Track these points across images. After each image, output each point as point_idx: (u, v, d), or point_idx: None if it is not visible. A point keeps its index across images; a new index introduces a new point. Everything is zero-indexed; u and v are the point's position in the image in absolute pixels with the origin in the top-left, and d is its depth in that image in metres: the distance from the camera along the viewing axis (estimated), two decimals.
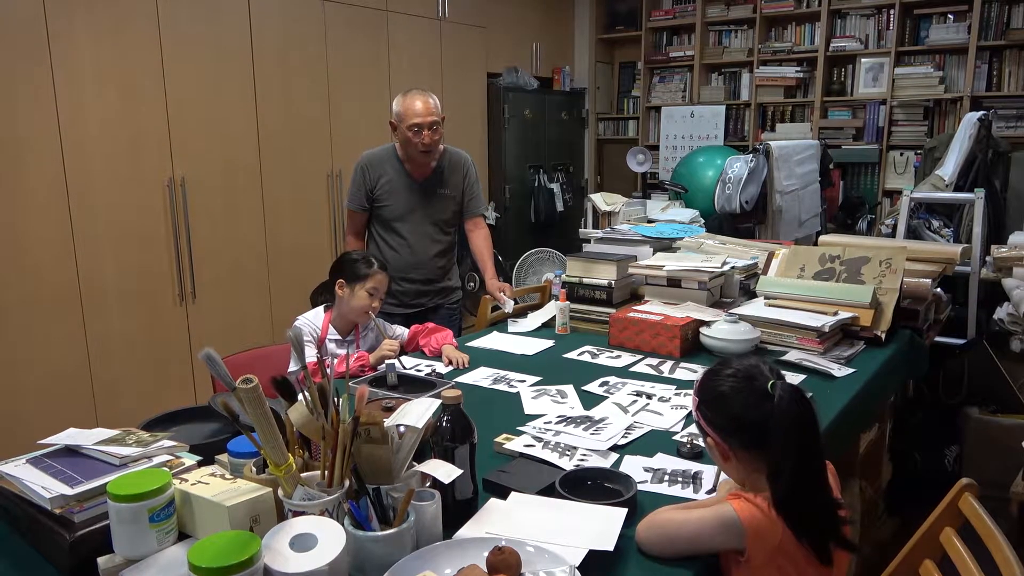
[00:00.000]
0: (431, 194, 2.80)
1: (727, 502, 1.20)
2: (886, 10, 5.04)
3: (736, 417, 1.23)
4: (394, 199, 2.77)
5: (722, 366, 1.29)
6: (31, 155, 2.94)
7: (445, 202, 2.84)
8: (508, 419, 1.76)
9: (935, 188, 3.81)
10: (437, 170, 2.80)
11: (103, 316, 3.20)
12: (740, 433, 1.23)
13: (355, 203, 2.81)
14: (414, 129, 2.62)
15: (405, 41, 4.48)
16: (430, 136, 2.64)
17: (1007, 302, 3.11)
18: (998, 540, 1.27)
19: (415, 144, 2.64)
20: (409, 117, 2.62)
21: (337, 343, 2.34)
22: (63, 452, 1.32)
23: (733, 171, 3.98)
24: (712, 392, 1.26)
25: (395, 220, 2.79)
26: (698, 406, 1.29)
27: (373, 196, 2.78)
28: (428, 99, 2.65)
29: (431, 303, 2.87)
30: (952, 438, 3.11)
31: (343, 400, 1.19)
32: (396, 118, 2.68)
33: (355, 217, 2.84)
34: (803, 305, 2.36)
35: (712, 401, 1.26)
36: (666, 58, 5.97)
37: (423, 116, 2.61)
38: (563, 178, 5.74)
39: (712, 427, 1.26)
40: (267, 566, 1.01)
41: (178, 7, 3.33)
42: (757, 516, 1.17)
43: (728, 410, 1.24)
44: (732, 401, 1.23)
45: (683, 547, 1.19)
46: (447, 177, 2.83)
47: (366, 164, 2.78)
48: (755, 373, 1.24)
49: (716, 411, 1.25)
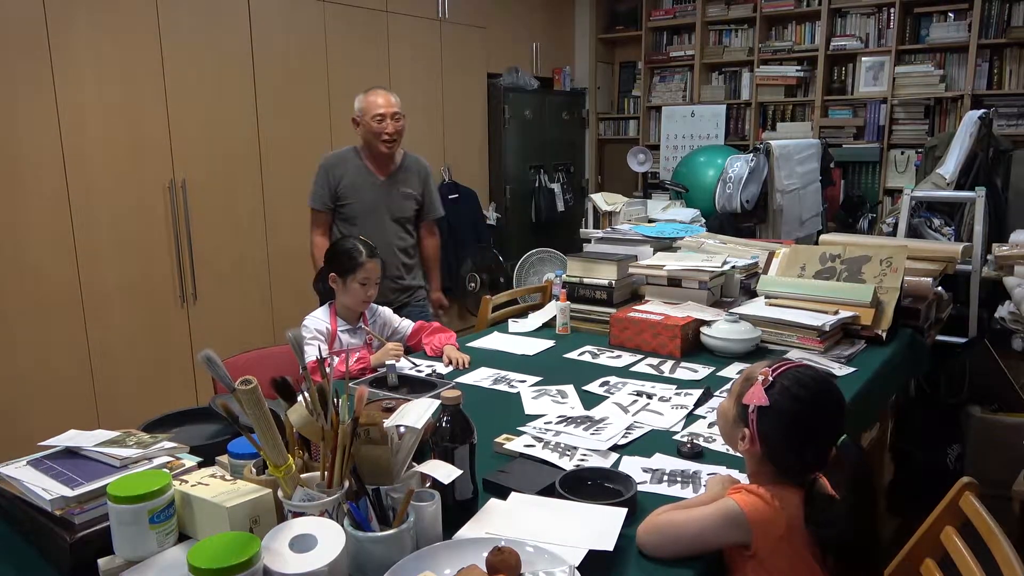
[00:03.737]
0: (393, 192, 2.91)
1: (729, 497, 1.20)
2: (886, 9, 5.04)
3: (790, 448, 1.21)
4: (356, 196, 2.87)
5: (805, 384, 1.22)
6: (32, 157, 2.94)
7: (407, 201, 2.95)
8: (508, 419, 1.76)
9: (936, 187, 3.81)
10: (398, 169, 2.92)
11: (104, 317, 3.21)
12: (781, 459, 1.22)
13: (319, 202, 2.90)
14: (378, 119, 2.76)
15: (405, 42, 4.48)
16: (394, 125, 2.79)
17: (1008, 300, 3.10)
18: (999, 539, 1.26)
19: (378, 134, 2.77)
20: (372, 109, 2.77)
21: (349, 333, 2.36)
22: (64, 454, 1.32)
23: (734, 170, 3.98)
24: (783, 408, 1.21)
25: (358, 217, 2.87)
26: (762, 412, 1.22)
27: (337, 194, 2.87)
28: (389, 95, 2.81)
29: (397, 301, 2.92)
30: (953, 437, 3.10)
31: (343, 401, 1.19)
32: (359, 113, 2.82)
33: (320, 216, 2.93)
34: (804, 304, 2.36)
35: (779, 415, 1.21)
36: (666, 58, 5.97)
37: (385, 107, 2.77)
38: (564, 178, 5.74)
39: (761, 435, 1.22)
40: (267, 567, 1.01)
41: (178, 9, 3.33)
42: (760, 507, 1.17)
43: (788, 438, 1.21)
44: (796, 434, 1.21)
45: (688, 547, 1.19)
46: (408, 177, 2.94)
47: (329, 164, 2.89)
48: (836, 419, 1.23)
49: (778, 429, 1.21)
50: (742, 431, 1.25)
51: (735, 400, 1.29)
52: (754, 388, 1.25)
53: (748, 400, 1.25)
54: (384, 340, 2.35)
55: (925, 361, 2.57)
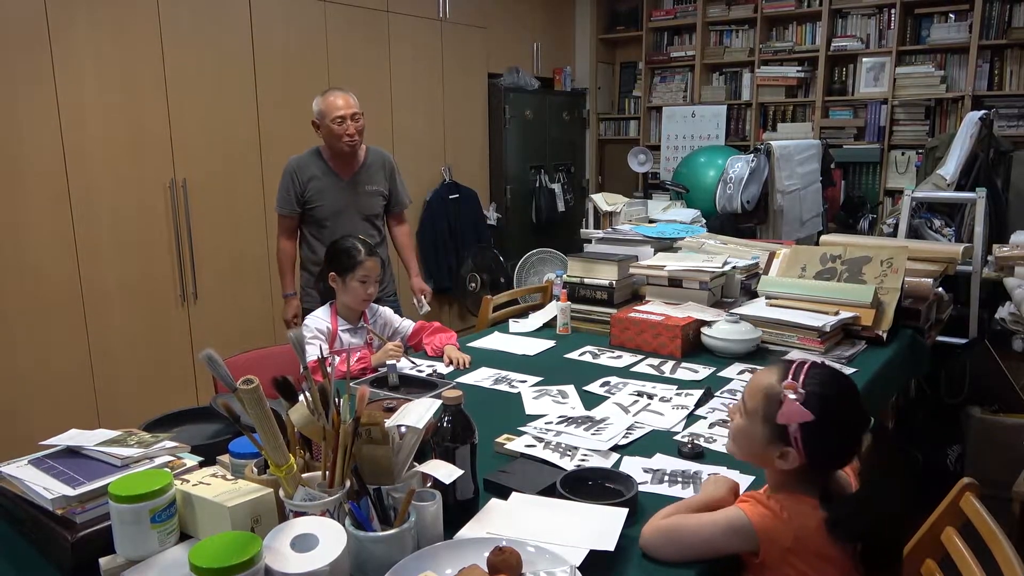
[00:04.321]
0: (360, 190, 2.93)
1: (737, 506, 1.20)
2: (887, 9, 5.04)
3: (843, 449, 1.22)
4: (324, 198, 2.89)
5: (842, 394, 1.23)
6: (33, 156, 2.94)
7: (373, 198, 2.98)
8: (509, 419, 1.76)
9: (936, 187, 3.81)
10: (362, 167, 2.93)
11: (105, 317, 3.21)
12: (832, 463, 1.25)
13: (285, 207, 2.92)
14: (338, 121, 2.77)
15: (406, 42, 4.48)
16: (354, 126, 2.79)
17: (1009, 301, 3.10)
18: (1000, 540, 1.26)
19: (339, 135, 2.78)
20: (332, 111, 2.77)
21: (350, 332, 2.36)
22: (65, 453, 1.32)
23: (734, 171, 3.99)
24: (830, 420, 1.19)
25: (327, 219, 2.90)
26: (806, 428, 1.18)
27: (304, 199, 2.89)
28: (348, 95, 2.82)
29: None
30: (954, 438, 3.11)
31: (344, 401, 1.19)
32: (318, 116, 2.82)
33: (286, 221, 2.96)
34: (804, 305, 2.36)
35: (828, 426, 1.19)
36: (667, 58, 5.97)
37: (344, 108, 2.77)
38: (564, 178, 5.74)
39: (809, 449, 1.19)
40: (268, 566, 1.01)
41: (179, 8, 3.33)
42: (768, 518, 1.17)
43: (840, 446, 1.22)
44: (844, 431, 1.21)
45: (694, 553, 1.18)
46: (372, 174, 2.96)
47: (294, 168, 2.90)
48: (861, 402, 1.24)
49: (827, 441, 1.20)
50: (780, 450, 1.21)
51: (763, 421, 1.22)
52: (789, 406, 1.19)
53: (787, 420, 1.19)
54: (385, 340, 2.35)
55: (925, 362, 2.57)
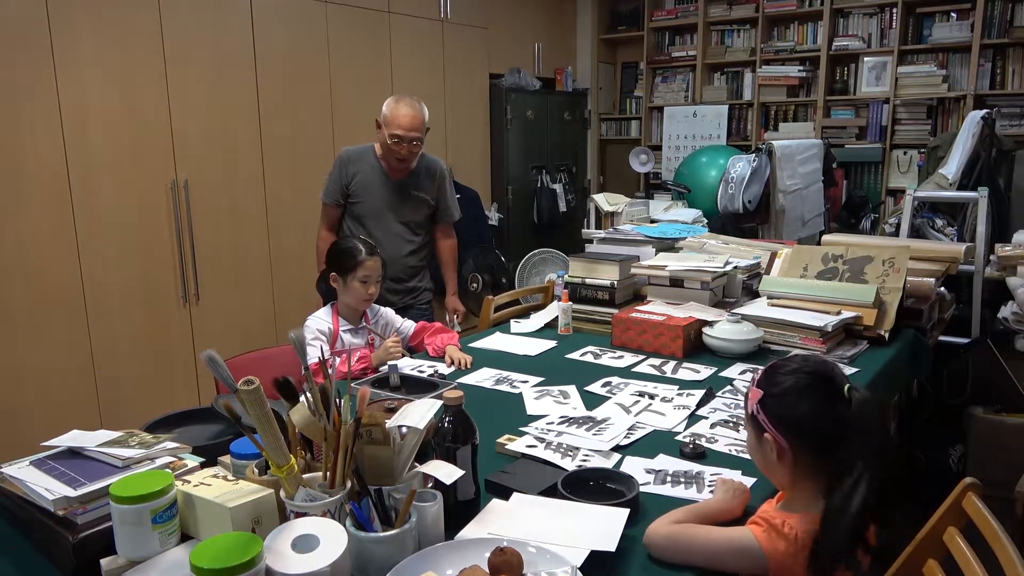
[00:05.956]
0: (405, 194, 2.86)
1: (750, 529, 1.18)
2: (889, 9, 5.04)
3: (807, 416, 1.16)
4: (367, 195, 2.83)
5: (788, 361, 1.22)
6: (35, 157, 2.95)
7: (418, 204, 2.90)
8: (510, 420, 1.76)
9: (939, 187, 3.80)
10: (413, 173, 2.87)
11: (106, 318, 3.21)
12: (810, 435, 1.17)
13: (330, 197, 2.87)
14: (394, 140, 2.70)
15: (407, 42, 4.48)
16: (408, 150, 2.72)
17: (1011, 301, 3.09)
18: (1002, 540, 1.26)
19: (393, 152, 2.73)
20: (393, 127, 2.70)
21: (351, 332, 2.36)
22: (66, 454, 1.32)
23: (736, 171, 3.98)
24: (780, 386, 1.19)
25: (366, 217, 2.84)
26: (761, 400, 1.20)
27: (348, 191, 2.84)
28: (417, 114, 2.71)
29: (400, 303, 2.88)
30: (956, 438, 3.10)
31: (345, 401, 1.19)
32: (382, 120, 2.75)
33: (329, 211, 2.90)
34: (806, 305, 2.36)
35: (781, 396, 1.18)
36: (668, 58, 5.96)
37: (406, 130, 2.69)
38: (566, 179, 5.74)
39: (777, 423, 1.18)
40: (269, 567, 1.01)
41: (180, 10, 3.34)
42: (780, 544, 1.14)
43: (799, 408, 1.17)
44: (804, 399, 1.17)
45: (698, 564, 1.17)
46: (422, 181, 2.89)
47: (346, 158, 2.85)
48: (829, 373, 1.19)
49: (785, 407, 1.17)
50: (768, 444, 1.20)
51: (748, 423, 1.25)
52: (750, 394, 1.24)
53: (751, 406, 1.22)
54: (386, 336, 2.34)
55: (928, 362, 2.56)
